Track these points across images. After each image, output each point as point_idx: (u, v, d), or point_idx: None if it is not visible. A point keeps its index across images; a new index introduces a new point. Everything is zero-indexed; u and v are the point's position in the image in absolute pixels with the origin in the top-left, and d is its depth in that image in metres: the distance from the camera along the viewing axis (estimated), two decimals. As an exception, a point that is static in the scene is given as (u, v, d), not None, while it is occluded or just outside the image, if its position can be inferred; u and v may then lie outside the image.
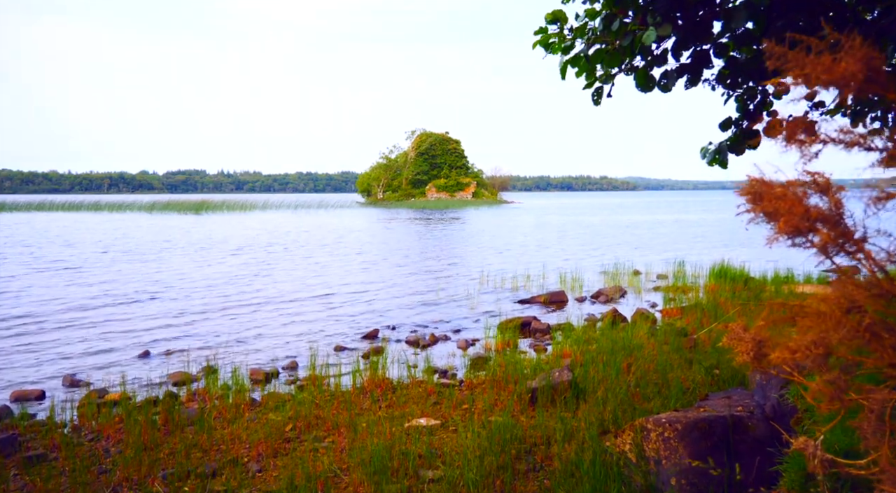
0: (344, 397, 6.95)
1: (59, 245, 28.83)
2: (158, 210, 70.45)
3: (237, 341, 10.51)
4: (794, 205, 1.26)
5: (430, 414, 6.63)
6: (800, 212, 1.25)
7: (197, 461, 5.45)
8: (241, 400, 6.99)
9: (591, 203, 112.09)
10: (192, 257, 23.39)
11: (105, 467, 5.43)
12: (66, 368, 9.02)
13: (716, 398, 4.95)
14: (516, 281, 17.00)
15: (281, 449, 5.69)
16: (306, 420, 6.29)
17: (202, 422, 6.13)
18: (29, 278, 17.97)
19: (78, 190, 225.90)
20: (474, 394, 7.21)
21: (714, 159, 4.49)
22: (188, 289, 15.92)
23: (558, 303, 13.92)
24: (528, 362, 8.02)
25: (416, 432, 6.02)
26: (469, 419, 6.47)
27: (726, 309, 10.05)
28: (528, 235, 35.26)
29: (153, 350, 9.89)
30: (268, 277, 18.38)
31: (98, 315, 12.62)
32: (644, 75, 4.19)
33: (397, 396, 7.22)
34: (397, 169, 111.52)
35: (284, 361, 9.30)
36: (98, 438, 6.22)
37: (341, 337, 10.81)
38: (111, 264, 21.32)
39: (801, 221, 1.25)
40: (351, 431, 5.99)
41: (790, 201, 1.26)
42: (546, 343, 10.13)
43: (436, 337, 10.62)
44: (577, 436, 5.14)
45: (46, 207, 76.06)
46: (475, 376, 8.15)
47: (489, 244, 29.55)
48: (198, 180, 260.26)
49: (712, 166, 4.50)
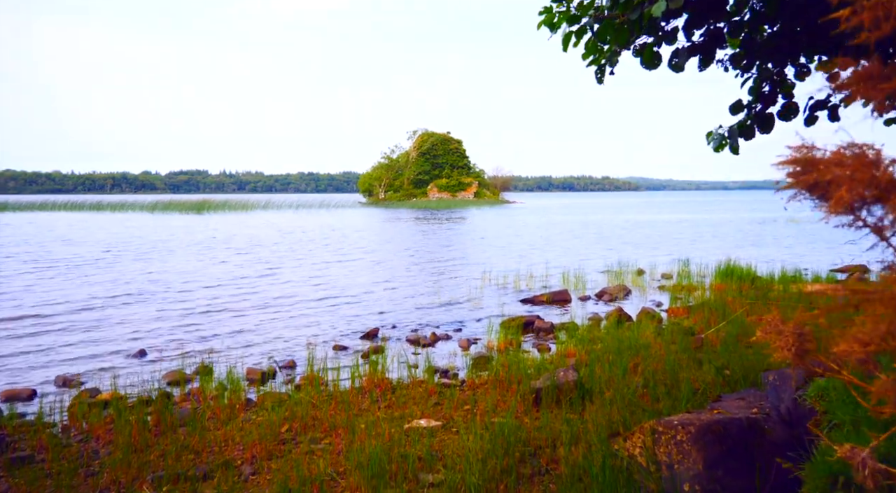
0: (342, 398, 6.74)
1: (61, 244, 28.68)
2: (160, 210, 70.33)
3: (235, 341, 10.31)
4: (858, 170, 1.05)
5: (430, 415, 6.42)
6: (864, 178, 1.05)
7: (188, 464, 5.24)
8: (236, 400, 6.79)
9: (593, 203, 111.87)
10: (195, 257, 23.22)
11: (93, 469, 5.22)
12: (60, 367, 8.83)
13: (729, 400, 4.74)
14: (519, 280, 16.79)
15: (276, 451, 5.48)
16: (303, 421, 6.09)
17: (195, 423, 5.92)
18: (29, 277, 17.80)
19: (81, 190, 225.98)
20: (476, 394, 7.00)
21: (721, 144, 4.25)
22: (188, 288, 15.73)
23: (561, 302, 13.71)
24: (531, 362, 7.81)
25: (417, 433, 5.82)
26: (471, 420, 6.26)
27: (734, 308, 9.83)
28: (530, 235, 35.04)
29: (149, 349, 9.69)
30: (269, 276, 18.19)
31: (95, 314, 12.44)
32: (650, 52, 3.97)
33: (397, 396, 7.02)
34: (399, 169, 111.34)
35: (282, 360, 9.10)
36: (87, 439, 6.02)
37: (341, 336, 10.61)
38: (113, 264, 21.16)
39: (868, 188, 1.05)
40: (349, 432, 5.79)
41: (853, 166, 1.06)
42: (550, 342, 9.92)
43: (437, 336, 10.42)
44: (583, 438, 4.94)
45: (49, 207, 76.11)
46: (477, 375, 7.93)
47: (491, 244, 29.34)
48: (200, 181, 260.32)
49: (719, 152, 4.27)
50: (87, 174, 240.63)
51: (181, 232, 37.23)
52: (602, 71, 4.20)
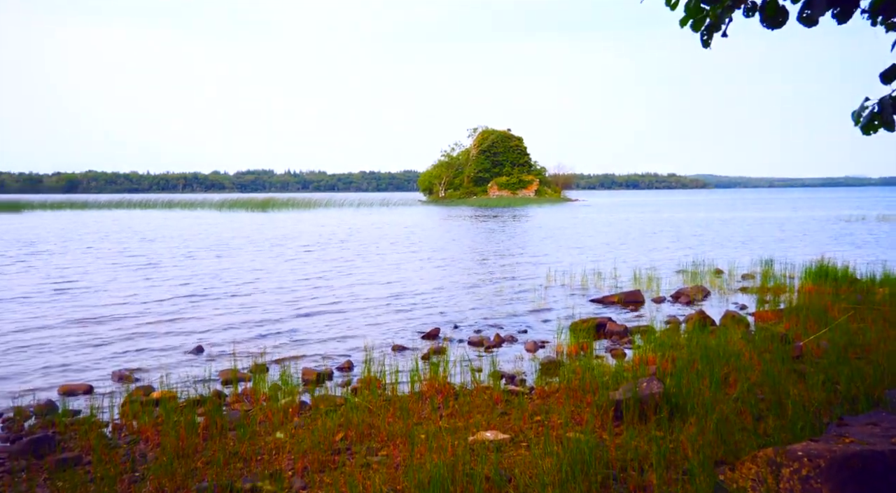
0: (400, 404, 6.24)
1: (139, 241, 29.41)
2: (227, 208, 72.07)
3: (294, 339, 10.00)
4: None
5: (497, 426, 5.86)
6: None
7: (236, 473, 4.84)
8: (289, 403, 6.38)
9: (660, 200, 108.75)
10: (265, 254, 23.20)
11: (137, 475, 4.89)
12: (119, 361, 8.67)
13: (857, 424, 3.99)
14: (586, 279, 16.02)
15: (329, 462, 5.03)
16: (358, 429, 5.62)
17: (245, 427, 5.53)
18: (107, 273, 18.13)
19: (156, 189, 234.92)
20: (548, 404, 6.40)
21: (872, 124, 3.50)
22: (254, 285, 15.61)
23: (634, 303, 12.90)
24: (606, 369, 7.14)
25: (482, 447, 5.26)
26: (543, 433, 5.67)
27: (834, 313, 8.87)
28: (596, 233, 33.98)
29: (207, 346, 9.46)
30: (334, 273, 17.98)
31: (161, 308, 12.38)
32: (774, 6, 3.30)
33: (460, 403, 6.48)
34: (459, 167, 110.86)
35: (339, 360, 8.70)
36: (136, 440, 5.72)
37: (400, 336, 10.16)
38: (184, 260, 21.42)
39: None
40: (408, 443, 5.28)
41: None
42: (625, 347, 9.20)
43: (501, 338, 9.83)
44: (677, 463, 4.27)
45: (125, 205, 79.25)
46: (547, 382, 7.32)
47: (555, 242, 28.50)
48: (266, 180, 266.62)
49: (869, 134, 3.52)
50: (161, 174, 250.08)
51: (250, 229, 37.76)
52: (710, 32, 3.55)
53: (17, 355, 9.01)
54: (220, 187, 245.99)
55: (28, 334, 10.25)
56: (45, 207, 73.56)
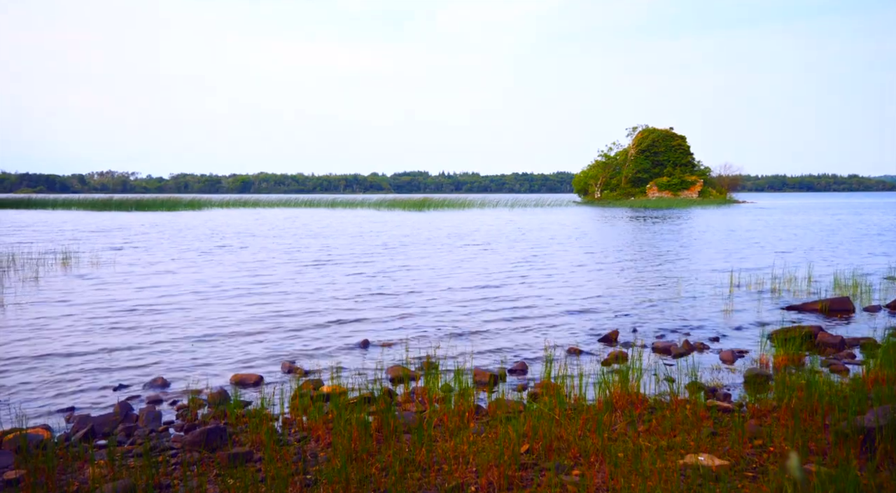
0: (590, 414, 5.47)
1: (314, 238, 30.82)
2: (385, 207, 74.52)
3: (460, 336, 9.51)
4: None
5: (709, 449, 4.92)
6: None
7: (414, 485, 4.33)
8: (464, 407, 5.82)
9: (841, 203, 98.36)
10: (443, 252, 22.87)
11: (310, 477, 4.52)
12: (290, 352, 8.62)
13: None
14: (776, 283, 14.25)
15: (516, 479, 4.38)
16: (545, 441, 4.92)
17: (421, 431, 5.02)
18: (285, 268, 18.90)
19: (319, 190, 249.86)
20: (765, 425, 5.35)
21: None
22: (429, 282, 15.36)
23: (842, 312, 11.15)
24: (833, 387, 5.92)
25: (696, 474, 4.37)
26: (769, 461, 4.66)
27: None
28: (775, 235, 30.91)
29: (374, 341, 9.20)
30: (506, 271, 17.46)
31: (335, 303, 12.44)
32: None
33: (657, 418, 5.59)
34: (616, 167, 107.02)
35: (510, 362, 8.06)
36: (307, 438, 5.41)
37: (574, 338, 9.35)
38: (361, 257, 21.95)
39: None
40: (606, 462, 4.51)
41: None
42: (845, 362, 7.78)
43: (690, 345, 8.72)
44: None
45: (293, 204, 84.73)
46: (757, 399, 6.22)
47: (733, 243, 26.14)
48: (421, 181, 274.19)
49: None
50: (324, 176, 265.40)
51: (418, 228, 38.42)
52: None
53: (198, 343, 9.22)
54: (378, 188, 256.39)
55: (206, 322, 10.57)
56: (222, 205, 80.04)
